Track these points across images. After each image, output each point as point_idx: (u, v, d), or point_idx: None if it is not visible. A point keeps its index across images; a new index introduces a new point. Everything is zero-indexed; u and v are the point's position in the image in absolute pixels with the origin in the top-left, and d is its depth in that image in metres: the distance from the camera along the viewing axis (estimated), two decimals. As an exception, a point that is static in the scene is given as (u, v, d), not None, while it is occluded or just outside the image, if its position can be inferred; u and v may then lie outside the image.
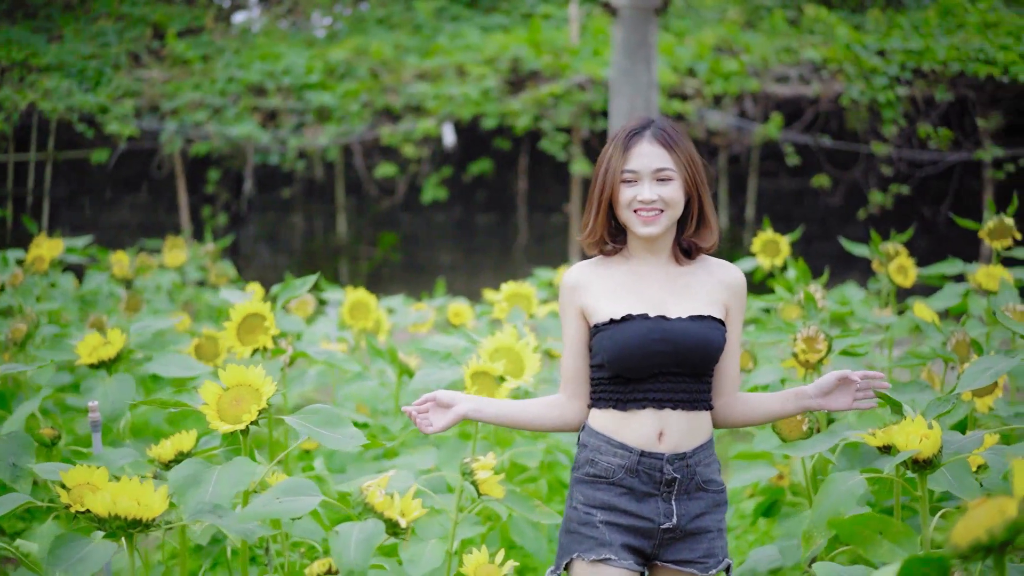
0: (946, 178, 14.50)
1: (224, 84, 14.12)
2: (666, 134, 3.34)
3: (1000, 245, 6.35)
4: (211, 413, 3.23)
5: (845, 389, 3.38)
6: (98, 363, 4.61)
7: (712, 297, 3.38)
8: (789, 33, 15.02)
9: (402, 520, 2.84)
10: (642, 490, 3.26)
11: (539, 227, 15.06)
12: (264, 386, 3.26)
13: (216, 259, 9.99)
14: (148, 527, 2.86)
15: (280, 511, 2.83)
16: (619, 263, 3.42)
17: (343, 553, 2.73)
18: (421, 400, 3.32)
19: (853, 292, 7.67)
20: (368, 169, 14.66)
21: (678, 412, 3.29)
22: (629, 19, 10.77)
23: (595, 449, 3.31)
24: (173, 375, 4.57)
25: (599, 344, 3.31)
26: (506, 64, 13.85)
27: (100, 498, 2.84)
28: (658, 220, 3.31)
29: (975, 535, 1.95)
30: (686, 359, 3.27)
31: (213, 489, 3.05)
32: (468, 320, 6.88)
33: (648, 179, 3.30)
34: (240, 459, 3.15)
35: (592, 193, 3.40)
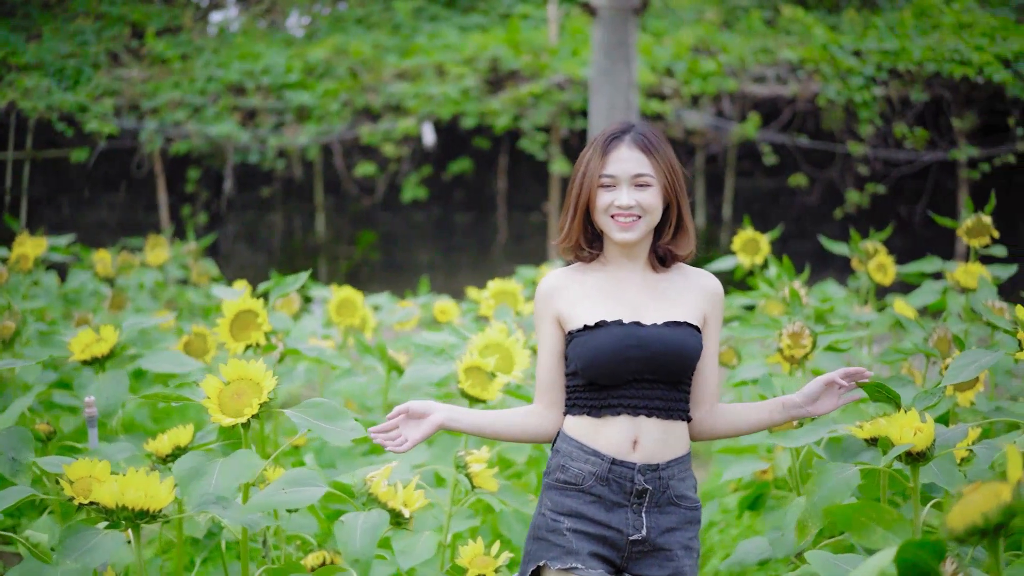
0: (922, 177, 14.64)
1: (203, 83, 14.14)
2: (646, 139, 3.29)
3: (978, 243, 6.44)
4: (213, 407, 3.27)
5: (830, 393, 3.36)
6: (91, 360, 4.65)
7: (690, 304, 3.33)
8: (766, 33, 15.13)
9: (405, 510, 2.90)
10: (612, 499, 3.20)
11: (518, 226, 15.13)
12: (265, 380, 3.31)
13: (198, 258, 10.01)
14: (155, 518, 2.91)
15: (286, 501, 2.88)
16: (596, 270, 3.37)
17: (349, 542, 2.78)
18: (393, 413, 3.20)
19: (834, 289, 7.76)
20: (348, 168, 14.70)
21: (653, 420, 3.23)
22: (608, 19, 10.84)
23: (567, 455, 3.24)
24: (165, 371, 4.62)
25: (573, 351, 3.26)
26: (485, 64, 13.92)
27: (108, 489, 2.89)
28: (635, 226, 3.26)
29: (971, 519, 2.03)
30: (661, 366, 3.22)
31: (216, 481, 3.10)
32: (454, 317, 6.95)
33: (626, 184, 3.25)
34: (242, 452, 3.20)
35: (569, 197, 3.35)
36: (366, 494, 2.90)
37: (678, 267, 3.41)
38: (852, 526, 2.49)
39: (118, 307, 7.77)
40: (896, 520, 2.42)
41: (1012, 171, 14.32)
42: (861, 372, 3.35)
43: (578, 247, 3.35)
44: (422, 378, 4.78)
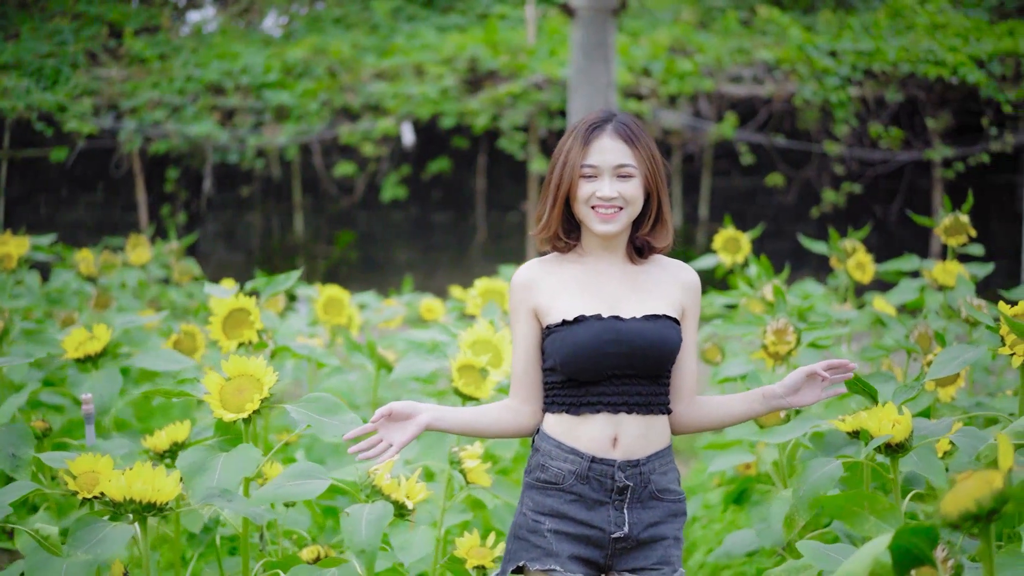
0: (897, 177, 14.77)
1: (182, 83, 14.16)
2: (628, 129, 3.22)
3: (955, 242, 6.54)
4: (214, 402, 3.33)
5: (812, 384, 3.29)
6: (84, 357, 4.69)
7: (668, 297, 3.27)
8: (742, 34, 15.23)
9: (408, 502, 2.96)
10: (593, 497, 3.14)
11: (496, 225, 15.20)
12: (265, 376, 3.37)
13: (180, 257, 10.04)
14: (161, 510, 2.97)
15: (292, 493, 2.94)
16: (572, 261, 3.30)
17: (354, 533, 2.82)
18: (376, 416, 3.08)
19: (813, 287, 7.85)
20: (327, 168, 14.74)
21: (633, 416, 3.18)
22: (587, 20, 10.91)
23: (546, 454, 3.19)
24: (159, 369, 4.66)
25: (551, 347, 3.20)
26: (464, 64, 13.98)
27: (116, 483, 2.95)
28: (616, 218, 3.19)
29: (965, 505, 2.10)
30: (641, 360, 3.16)
31: (219, 475, 3.16)
32: (440, 315, 7.01)
33: (608, 175, 3.18)
34: (244, 446, 3.26)
35: (548, 186, 3.27)
36: (370, 487, 2.96)
37: (655, 259, 3.34)
38: (844, 515, 2.57)
39: (103, 306, 7.80)
40: (887, 508, 2.50)
41: (986, 171, 14.46)
42: (844, 364, 3.32)
43: (556, 237, 3.27)
44: (412, 374, 4.85)
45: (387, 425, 3.09)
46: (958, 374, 4.79)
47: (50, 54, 14.65)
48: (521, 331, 3.27)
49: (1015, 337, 3.50)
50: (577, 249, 3.30)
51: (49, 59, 14.54)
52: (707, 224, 14.68)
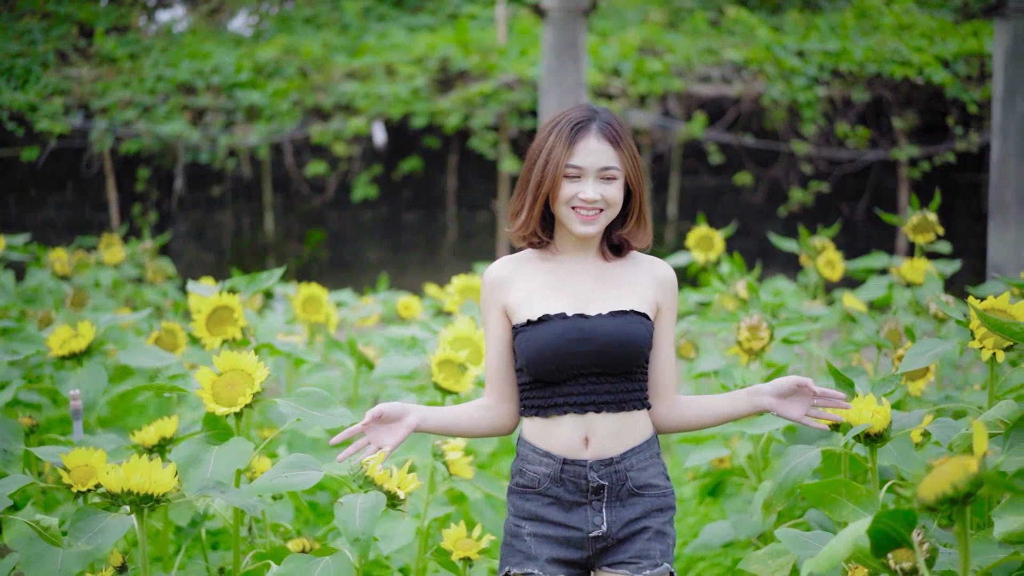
0: (863, 176, 14.91)
1: (153, 83, 14.16)
2: (613, 129, 3.18)
3: (923, 240, 6.65)
4: (207, 396, 3.40)
5: (801, 398, 3.28)
6: (69, 355, 4.74)
7: (641, 293, 3.24)
8: (710, 34, 15.33)
9: (400, 492, 3.03)
10: (569, 499, 3.14)
11: (467, 224, 15.26)
12: (257, 371, 3.44)
13: (154, 256, 10.07)
14: (158, 502, 3.04)
15: (289, 484, 3.01)
16: (544, 259, 3.28)
17: (349, 522, 2.88)
18: (367, 419, 3.05)
19: (784, 285, 7.97)
20: (299, 167, 14.78)
21: (603, 415, 3.15)
22: (558, 20, 10.98)
23: (524, 458, 3.20)
24: (145, 365, 4.72)
25: (518, 348, 3.19)
26: (435, 64, 14.03)
27: (114, 475, 3.02)
28: (597, 220, 3.17)
29: (941, 489, 2.20)
30: (607, 357, 3.13)
31: (212, 468, 3.23)
32: (417, 313, 7.09)
33: (592, 177, 3.15)
34: (236, 439, 3.34)
35: (527, 183, 3.24)
36: (362, 477, 3.03)
37: (630, 256, 3.32)
38: (823, 502, 2.66)
39: (79, 305, 7.83)
40: (865, 495, 2.60)
41: (951, 170, 14.64)
42: (839, 397, 3.29)
43: (534, 235, 3.25)
44: (393, 371, 4.93)
45: (376, 427, 3.07)
46: (927, 368, 4.92)
47: (20, 54, 14.61)
48: (492, 330, 3.26)
49: (985, 331, 3.61)
50: (550, 247, 3.28)
51: (19, 59, 14.51)
52: (676, 223, 14.79)
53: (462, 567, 3.77)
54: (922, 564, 2.29)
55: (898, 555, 2.57)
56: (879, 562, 2.55)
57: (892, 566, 2.57)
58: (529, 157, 3.26)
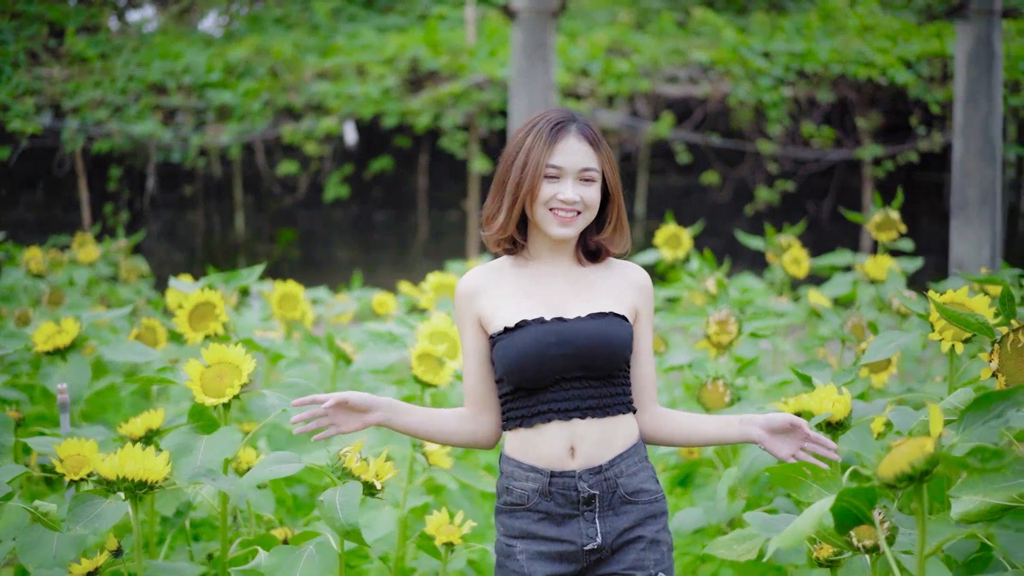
0: (828, 175, 15.09)
1: (124, 82, 14.21)
2: (592, 131, 3.14)
3: (886, 237, 6.82)
4: (196, 388, 3.51)
5: (792, 438, 3.18)
6: (53, 350, 4.84)
7: (619, 297, 3.19)
8: (677, 35, 15.48)
9: (377, 482, 3.14)
10: (560, 513, 3.07)
11: (437, 224, 15.38)
12: (244, 363, 3.55)
13: (128, 255, 10.14)
14: (152, 488, 3.16)
15: (276, 473, 3.12)
16: (519, 265, 3.22)
17: (334, 516, 2.96)
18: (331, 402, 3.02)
19: (751, 282, 8.12)
20: (270, 167, 14.86)
21: (588, 421, 3.07)
22: (528, 22, 11.10)
23: (509, 475, 3.12)
24: (128, 360, 4.83)
25: (496, 356, 3.12)
26: (405, 64, 14.13)
27: (109, 462, 3.14)
28: (575, 222, 3.11)
29: (900, 467, 2.35)
30: (588, 360, 3.07)
31: (203, 457, 3.34)
32: (392, 310, 7.20)
33: (572, 178, 3.10)
34: (225, 429, 3.45)
35: (503, 184, 3.16)
36: (340, 468, 3.12)
37: (606, 261, 3.27)
38: (788, 483, 2.78)
39: (56, 303, 7.91)
40: (829, 477, 2.73)
41: (914, 169, 14.85)
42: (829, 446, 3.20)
43: (511, 239, 3.18)
44: (372, 365, 5.06)
45: (337, 411, 3.04)
46: (890, 361, 5.07)
47: (-10, 54, 14.65)
48: (469, 343, 3.20)
49: (944, 324, 3.76)
50: (523, 252, 3.22)
51: (-10, 59, 14.56)
52: (644, 221, 14.93)
53: (444, 552, 3.90)
54: (882, 539, 2.43)
55: (860, 532, 2.72)
56: (843, 539, 2.70)
57: (855, 543, 2.71)
58: (505, 159, 3.18)
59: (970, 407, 2.45)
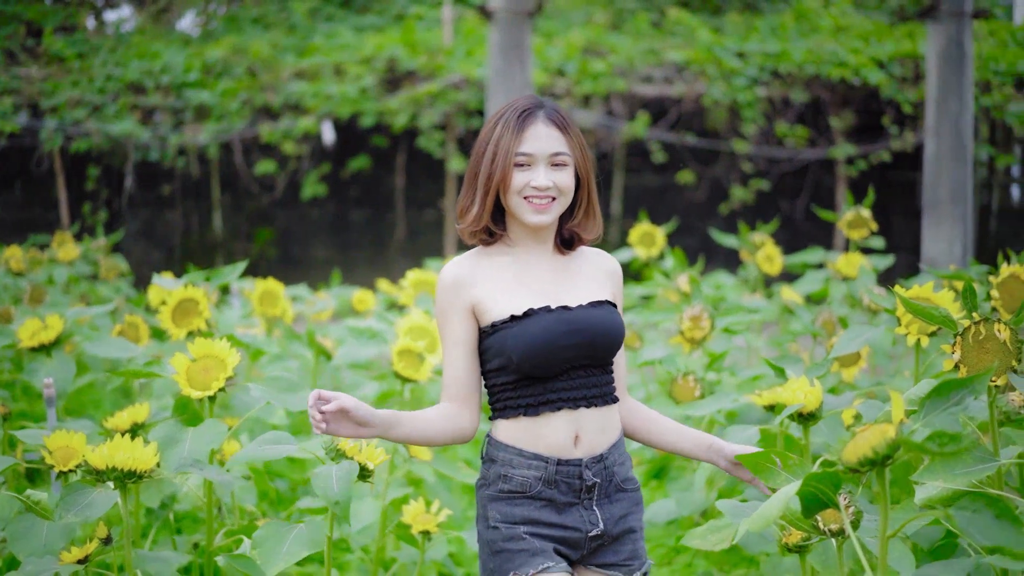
0: (802, 174, 15.24)
1: (102, 82, 14.25)
2: (560, 116, 3.10)
3: (858, 235, 6.95)
4: (182, 381, 3.60)
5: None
6: (39, 346, 4.91)
7: (600, 284, 3.18)
8: (652, 35, 15.58)
9: (370, 464, 3.22)
10: (562, 500, 3.05)
11: (414, 223, 15.46)
12: (229, 357, 3.64)
13: (107, 254, 10.19)
14: (141, 478, 3.24)
15: (268, 454, 3.20)
16: (501, 253, 3.16)
17: (327, 488, 3.02)
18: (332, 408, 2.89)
19: (725, 279, 8.23)
20: (248, 166, 14.92)
21: (591, 410, 3.07)
22: (505, 22, 11.19)
23: (506, 463, 3.06)
24: (112, 356, 4.91)
25: (501, 344, 3.05)
26: (382, 64, 14.20)
27: (99, 453, 3.22)
28: (550, 208, 3.07)
29: (863, 452, 2.45)
30: (593, 349, 3.07)
31: (190, 447, 3.44)
32: (371, 307, 7.30)
33: (543, 164, 3.05)
34: (211, 421, 3.54)
35: (475, 177, 3.12)
36: (335, 450, 3.20)
37: (579, 249, 3.25)
38: (759, 470, 2.87)
39: (37, 301, 7.97)
40: (798, 464, 2.83)
41: (887, 168, 15.00)
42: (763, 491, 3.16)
43: (486, 231, 3.13)
44: (352, 359, 5.16)
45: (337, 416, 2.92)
46: (859, 355, 5.19)
47: (-32, 53, 14.68)
48: (456, 332, 3.11)
49: (910, 318, 3.87)
50: (504, 240, 3.18)
51: (-32, 58, 14.58)
52: (620, 220, 15.04)
53: (421, 540, 4.00)
54: (847, 523, 2.54)
55: (826, 516, 2.82)
56: (809, 523, 2.80)
57: (821, 527, 2.82)
58: (476, 151, 3.14)
59: (930, 395, 2.55)
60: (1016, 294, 3.94)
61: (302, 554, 3.18)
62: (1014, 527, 2.46)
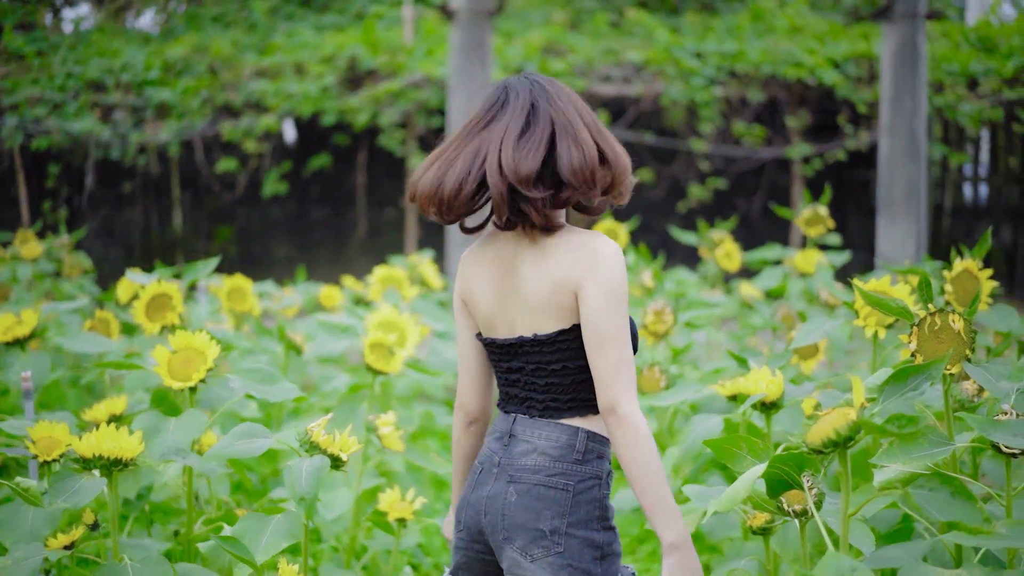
0: (759, 173, 15.43)
1: (63, 80, 14.24)
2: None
3: (815, 232, 7.11)
4: (163, 372, 3.69)
5: None
6: (13, 341, 4.98)
7: None
8: (611, 35, 15.71)
9: (343, 455, 3.33)
10: None
11: (375, 221, 15.54)
12: (209, 349, 3.74)
13: (71, 251, 10.23)
14: (126, 466, 3.33)
15: (243, 450, 3.30)
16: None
17: (296, 483, 3.15)
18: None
19: (686, 275, 8.38)
20: (209, 164, 14.95)
21: None
22: (466, 22, 11.29)
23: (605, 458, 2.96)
24: (86, 350, 4.99)
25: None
26: (343, 62, 14.26)
27: (86, 441, 3.31)
28: None
29: (826, 434, 2.59)
30: None
31: (172, 437, 3.52)
32: (339, 302, 7.38)
33: None
34: (192, 411, 3.63)
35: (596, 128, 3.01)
36: (308, 442, 3.30)
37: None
38: (725, 455, 3.00)
39: (3, 298, 8.03)
40: (762, 449, 2.96)
41: (842, 167, 15.23)
42: None
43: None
44: (324, 353, 5.26)
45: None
46: (818, 348, 5.34)
47: (-73, 50, 14.64)
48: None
49: (868, 310, 4.01)
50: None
51: (-74, 55, 14.54)
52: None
53: (397, 528, 4.10)
54: (810, 502, 2.67)
55: (790, 498, 2.95)
56: (774, 504, 2.93)
57: (785, 507, 2.95)
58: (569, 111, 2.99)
59: (889, 380, 2.68)
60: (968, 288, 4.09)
61: (281, 546, 3.28)
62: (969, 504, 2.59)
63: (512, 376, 2.99)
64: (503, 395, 3.04)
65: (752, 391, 3.80)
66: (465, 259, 3.03)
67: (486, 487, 2.96)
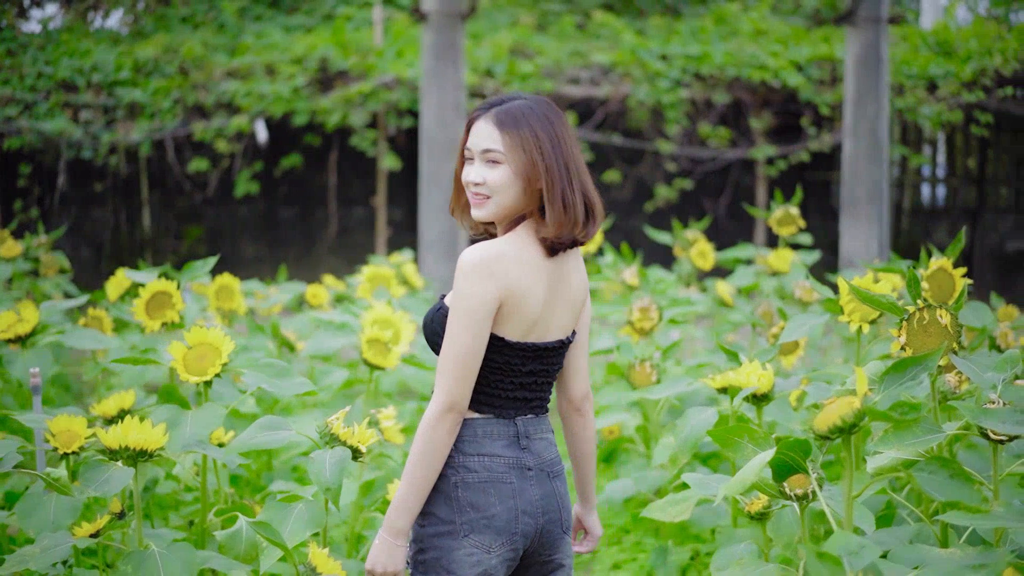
0: (724, 174, 15.64)
1: (34, 80, 14.27)
2: (507, 114, 3.01)
3: (786, 232, 7.30)
4: (179, 367, 3.82)
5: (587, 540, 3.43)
6: (15, 338, 5.09)
7: None
8: (578, 37, 15.87)
9: (362, 446, 3.47)
10: None
11: (345, 220, 15.64)
12: (223, 345, 3.86)
13: (48, 250, 10.29)
14: (151, 456, 3.46)
15: (266, 441, 3.44)
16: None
17: (320, 473, 3.30)
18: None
19: (663, 274, 8.54)
20: (181, 164, 15.00)
21: None
22: (438, 24, 11.44)
23: None
24: (87, 347, 5.10)
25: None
26: (314, 63, 14.35)
27: (112, 433, 3.43)
28: (485, 204, 3.02)
29: (832, 421, 2.75)
30: None
31: (190, 430, 3.65)
32: (325, 301, 7.51)
33: (479, 159, 3.02)
34: (209, 404, 3.76)
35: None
36: (329, 435, 3.45)
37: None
38: (727, 444, 3.16)
39: (-18, 297, 8.10)
40: (763, 437, 3.12)
41: (805, 168, 15.47)
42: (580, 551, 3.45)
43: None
44: (321, 350, 5.39)
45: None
46: (798, 345, 5.52)
47: None
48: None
49: (853, 307, 4.18)
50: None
51: None
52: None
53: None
54: (815, 484, 2.83)
55: (792, 483, 3.11)
56: (777, 488, 3.09)
57: (788, 492, 3.11)
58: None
59: (890, 370, 2.85)
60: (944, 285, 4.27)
61: (306, 534, 3.44)
62: (967, 484, 2.77)
63: (528, 379, 3.09)
64: (504, 399, 3.09)
65: (742, 384, 3.97)
66: (502, 261, 2.99)
67: (531, 491, 3.08)
